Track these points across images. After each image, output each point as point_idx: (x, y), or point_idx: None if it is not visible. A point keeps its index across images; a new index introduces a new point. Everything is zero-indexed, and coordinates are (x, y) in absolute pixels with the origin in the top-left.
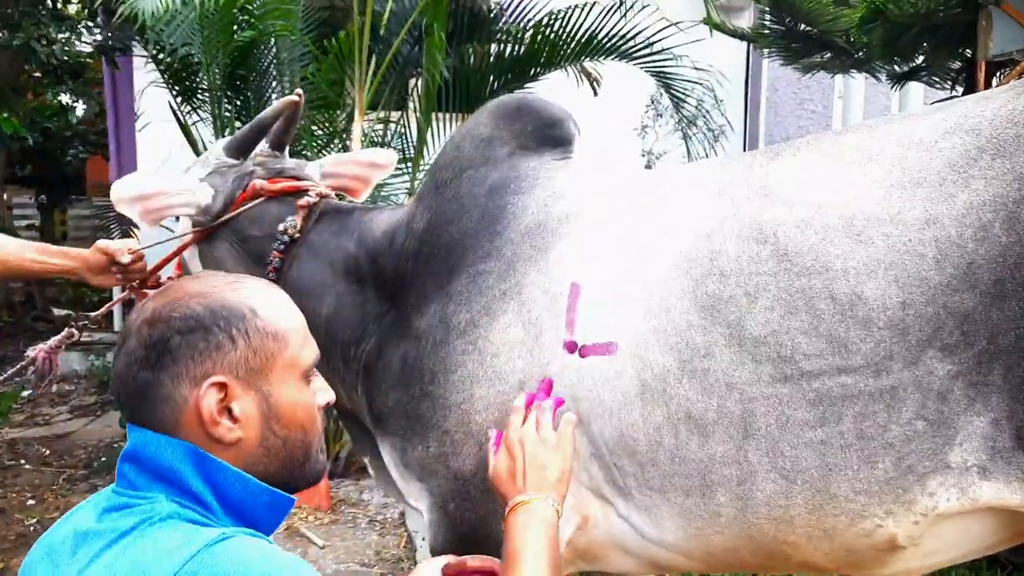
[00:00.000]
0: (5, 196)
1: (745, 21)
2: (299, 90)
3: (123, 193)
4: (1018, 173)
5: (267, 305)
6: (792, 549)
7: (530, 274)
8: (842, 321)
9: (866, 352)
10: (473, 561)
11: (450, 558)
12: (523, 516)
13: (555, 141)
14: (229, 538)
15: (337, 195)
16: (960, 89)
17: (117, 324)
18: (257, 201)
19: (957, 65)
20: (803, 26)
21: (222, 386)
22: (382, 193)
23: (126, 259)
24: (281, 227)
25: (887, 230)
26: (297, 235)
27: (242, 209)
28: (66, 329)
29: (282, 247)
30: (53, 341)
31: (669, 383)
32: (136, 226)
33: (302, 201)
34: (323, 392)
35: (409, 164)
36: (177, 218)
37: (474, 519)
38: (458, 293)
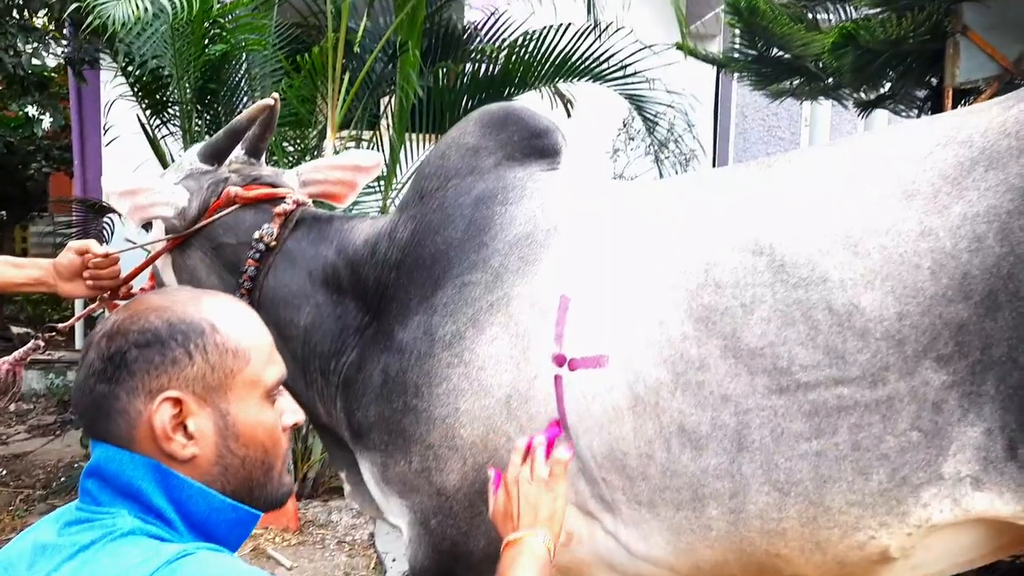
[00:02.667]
0: None
1: (716, 47)
2: (275, 94)
3: (114, 187)
4: (1011, 184)
5: (229, 321)
6: (783, 562)
7: (518, 286)
8: (839, 332)
9: (863, 363)
10: None
11: None
12: (513, 551)
13: (542, 151)
14: (190, 554)
15: (316, 203)
16: (926, 116)
17: (79, 342)
18: (232, 208)
19: (923, 93)
20: (775, 51)
21: (177, 401)
22: (352, 211)
23: (100, 250)
24: (257, 235)
25: (883, 241)
26: (273, 243)
27: (216, 216)
28: (32, 341)
29: (257, 255)
30: (18, 353)
31: (662, 396)
32: (102, 242)
33: (279, 208)
34: (290, 413)
35: (381, 183)
36: (148, 227)
37: (456, 535)
38: (443, 305)
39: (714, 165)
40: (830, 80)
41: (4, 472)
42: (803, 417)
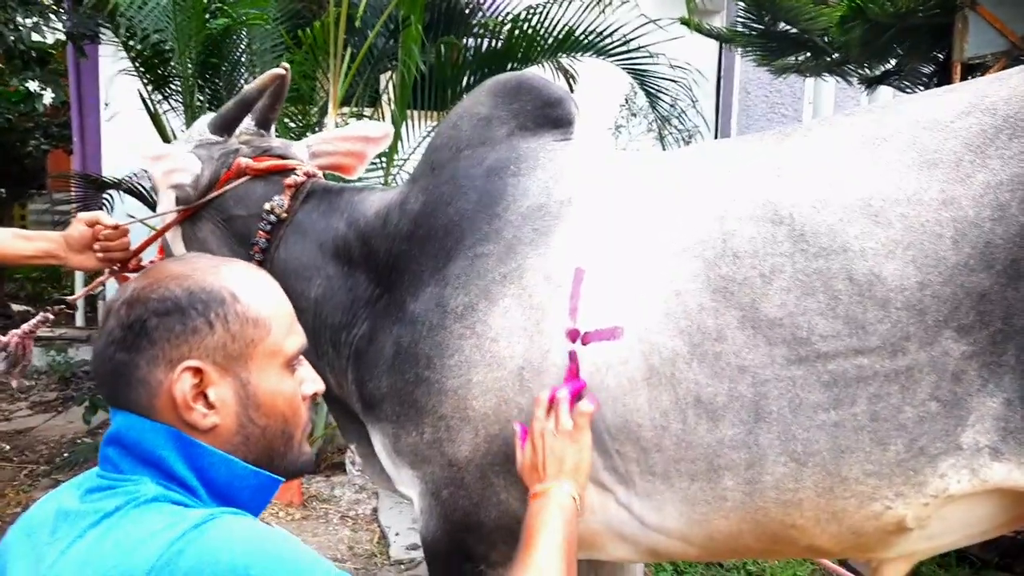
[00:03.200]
0: None
1: (719, 22)
2: (285, 63)
3: (147, 152)
4: None
5: (249, 290)
6: (798, 533)
7: (531, 258)
8: (860, 302)
9: (883, 333)
10: None
11: None
12: (540, 502)
13: (555, 122)
14: (215, 518)
15: (326, 175)
16: None
17: (79, 320)
18: (242, 180)
19: (929, 69)
20: (782, 25)
21: (197, 371)
22: (356, 186)
23: (111, 221)
24: (267, 206)
25: (904, 210)
26: (284, 215)
27: (227, 188)
28: (41, 313)
29: (268, 227)
30: (27, 326)
31: (678, 367)
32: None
33: (289, 180)
34: (310, 382)
35: (383, 159)
36: (155, 205)
37: (467, 506)
38: (455, 276)
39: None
40: (836, 55)
41: (8, 448)
42: (822, 387)
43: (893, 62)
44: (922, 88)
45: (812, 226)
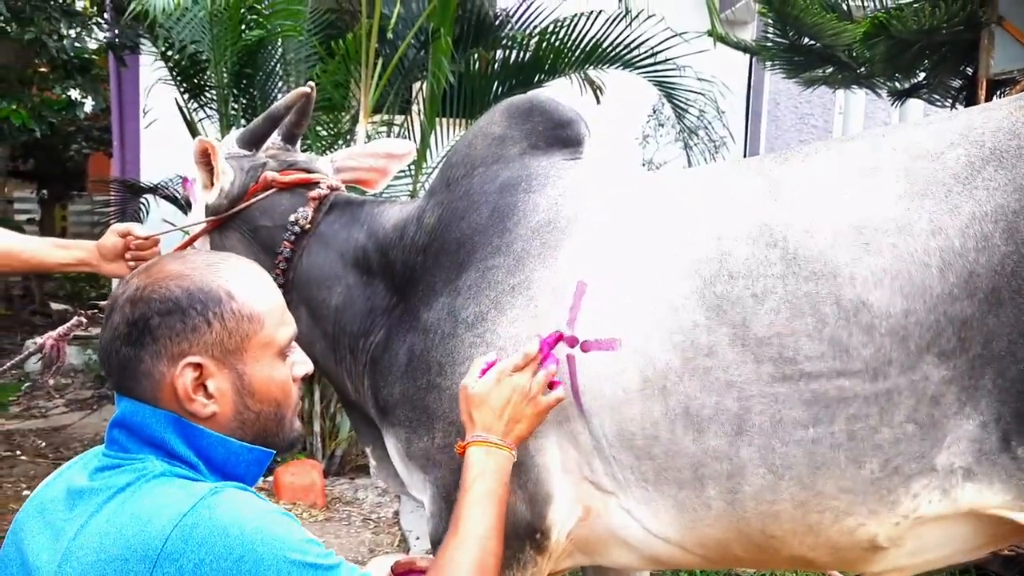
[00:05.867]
0: (6, 190)
1: (748, 34)
2: (311, 83)
3: (199, 146)
4: (1018, 184)
5: (244, 287)
6: (779, 543)
7: (539, 270)
8: (846, 326)
9: (866, 357)
10: (422, 561)
11: (400, 556)
12: (487, 456)
13: (566, 141)
14: (220, 492)
15: (349, 188)
16: (960, 107)
17: None
18: (269, 192)
19: (958, 83)
20: (806, 40)
21: (197, 366)
22: (384, 195)
23: (142, 232)
24: (292, 218)
25: (895, 240)
26: (308, 226)
27: (255, 199)
28: (75, 317)
29: (293, 238)
30: (61, 329)
31: (670, 379)
32: (139, 222)
33: (313, 193)
34: (300, 364)
35: (412, 167)
36: (188, 209)
37: None
38: (467, 287)
39: (745, 152)
40: (862, 69)
41: (44, 444)
42: (803, 405)
43: (921, 75)
44: (951, 101)
45: (804, 250)
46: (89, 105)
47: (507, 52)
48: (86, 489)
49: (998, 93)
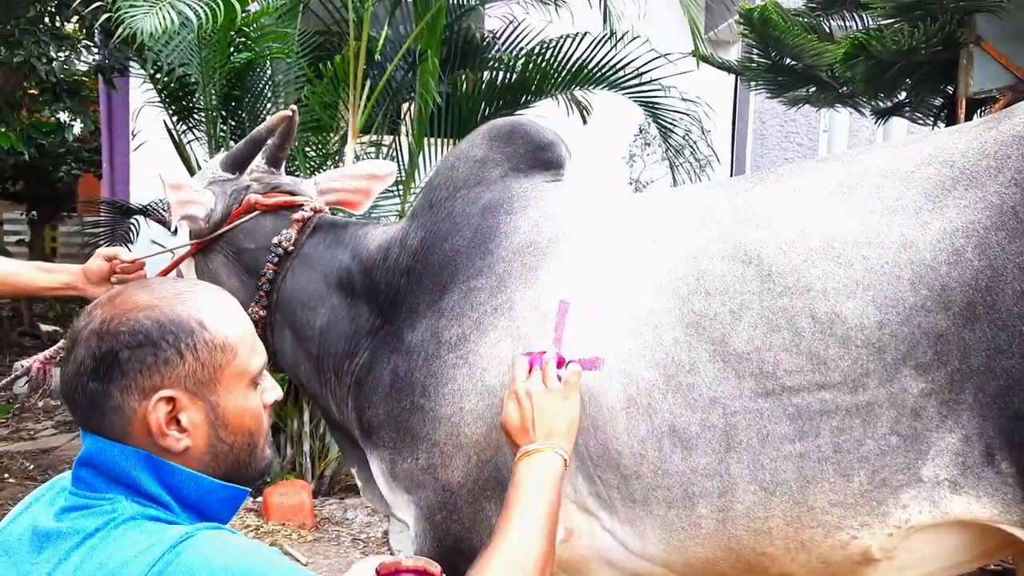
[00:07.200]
0: None
1: (733, 54)
2: (293, 106)
3: (169, 179)
4: (989, 202)
5: (215, 317)
6: (770, 561)
7: (520, 291)
8: (822, 339)
9: (844, 369)
10: (407, 561)
11: (385, 558)
12: (531, 464)
13: (547, 164)
14: (192, 536)
15: (334, 210)
16: (942, 125)
17: None
18: (252, 215)
19: (939, 101)
20: (788, 60)
21: (170, 399)
22: (372, 214)
23: (128, 256)
24: (276, 240)
25: (865, 252)
26: (291, 248)
27: (238, 222)
28: (62, 340)
29: (276, 259)
30: (48, 352)
31: (654, 397)
32: (129, 243)
33: (297, 215)
34: (270, 391)
35: (400, 187)
36: (175, 231)
37: (459, 530)
38: (450, 308)
39: (731, 170)
40: (844, 89)
41: (32, 467)
42: (787, 420)
43: (903, 94)
44: (933, 120)
45: (778, 266)
46: (78, 127)
47: (494, 73)
48: (52, 532)
49: (978, 112)
